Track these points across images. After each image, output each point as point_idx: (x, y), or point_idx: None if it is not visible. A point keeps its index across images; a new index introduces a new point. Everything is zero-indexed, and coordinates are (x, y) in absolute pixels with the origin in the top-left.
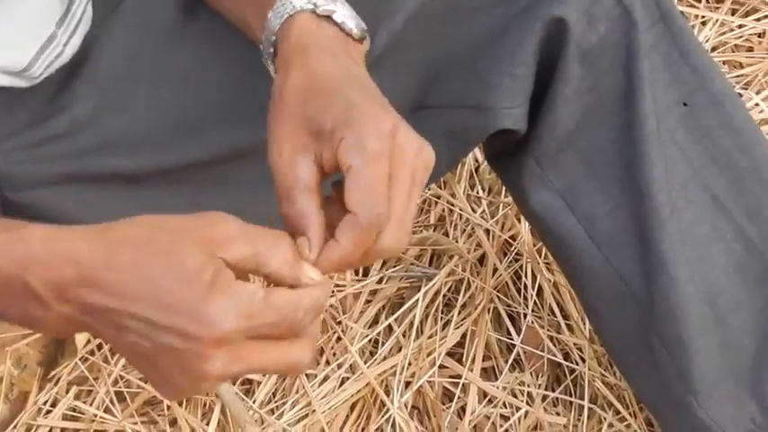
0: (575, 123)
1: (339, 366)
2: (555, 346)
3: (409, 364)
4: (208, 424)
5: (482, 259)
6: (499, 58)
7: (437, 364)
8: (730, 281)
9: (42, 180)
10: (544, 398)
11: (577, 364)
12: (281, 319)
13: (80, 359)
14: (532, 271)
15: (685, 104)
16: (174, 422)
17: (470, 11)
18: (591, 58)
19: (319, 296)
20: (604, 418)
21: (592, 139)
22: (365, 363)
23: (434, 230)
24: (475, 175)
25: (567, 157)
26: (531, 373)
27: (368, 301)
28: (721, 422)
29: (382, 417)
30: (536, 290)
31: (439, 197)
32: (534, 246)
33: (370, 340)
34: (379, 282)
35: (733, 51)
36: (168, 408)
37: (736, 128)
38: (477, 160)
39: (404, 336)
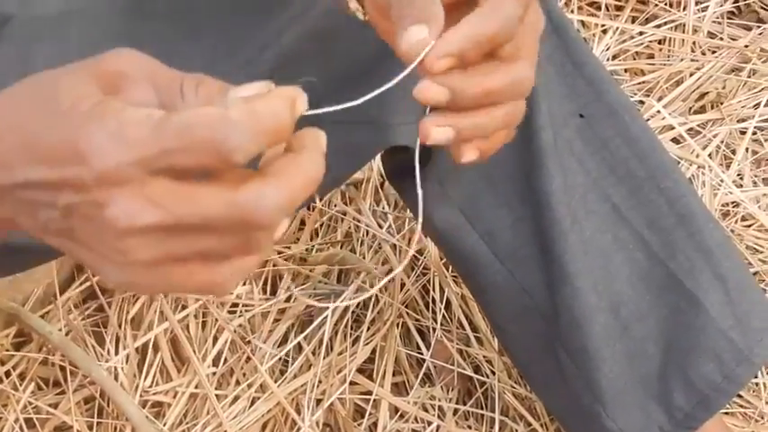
0: None
1: (249, 386)
2: (465, 359)
3: (319, 381)
4: None
5: (390, 274)
6: (392, 74)
7: (347, 381)
8: (634, 290)
9: None
10: (455, 411)
11: (488, 377)
12: (195, 142)
13: None
14: (440, 285)
15: (582, 116)
16: None
17: (363, 27)
18: None
19: (268, 109)
20: (516, 431)
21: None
22: (276, 381)
23: (341, 247)
24: (380, 190)
25: (466, 173)
26: (441, 387)
27: (276, 320)
28: (629, 430)
29: None
30: (444, 303)
31: (345, 213)
32: (441, 259)
33: (279, 359)
34: (288, 300)
35: (634, 59)
36: None
37: (632, 137)
38: (382, 176)
39: (313, 353)
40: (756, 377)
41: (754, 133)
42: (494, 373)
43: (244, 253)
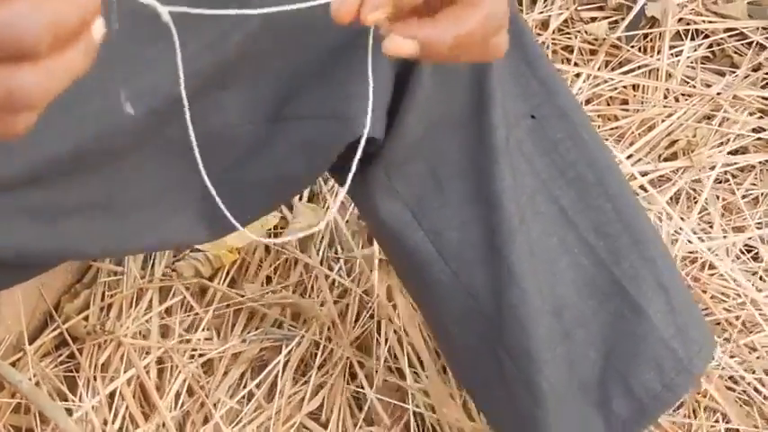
0: (423, 132)
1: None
2: (408, 397)
3: (269, 427)
4: None
5: (341, 317)
6: (357, 66)
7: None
8: (578, 294)
9: None
10: None
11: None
12: None
13: None
14: (385, 328)
15: (533, 117)
16: None
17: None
18: (443, 67)
19: None
20: None
21: (441, 149)
22: (230, 424)
23: (293, 291)
24: (335, 234)
25: (416, 168)
26: (386, 426)
27: (230, 365)
28: None
29: None
30: (387, 345)
31: (297, 261)
32: (390, 301)
33: (231, 408)
34: (242, 342)
35: (608, 104)
36: None
37: (582, 141)
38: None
39: (268, 397)
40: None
41: (726, 181)
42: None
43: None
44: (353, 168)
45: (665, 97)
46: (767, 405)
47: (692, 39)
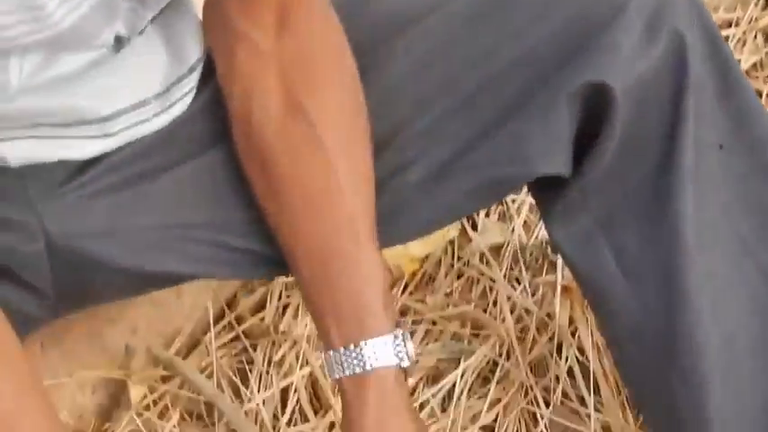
0: (618, 153)
1: None
2: (584, 423)
3: None
4: None
5: (519, 338)
6: (533, 117)
7: None
8: (752, 324)
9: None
10: None
11: None
12: None
13: (135, 413)
14: (566, 351)
15: (721, 147)
16: None
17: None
18: (637, 91)
19: None
20: None
21: (632, 169)
22: None
23: (474, 307)
24: (519, 254)
25: (608, 186)
26: None
27: None
28: None
29: None
30: (567, 369)
31: (482, 274)
32: (569, 325)
33: None
34: (419, 354)
35: None
36: None
37: None
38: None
39: (442, 410)
40: None
41: None
42: None
43: None
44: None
45: None
46: None
47: None
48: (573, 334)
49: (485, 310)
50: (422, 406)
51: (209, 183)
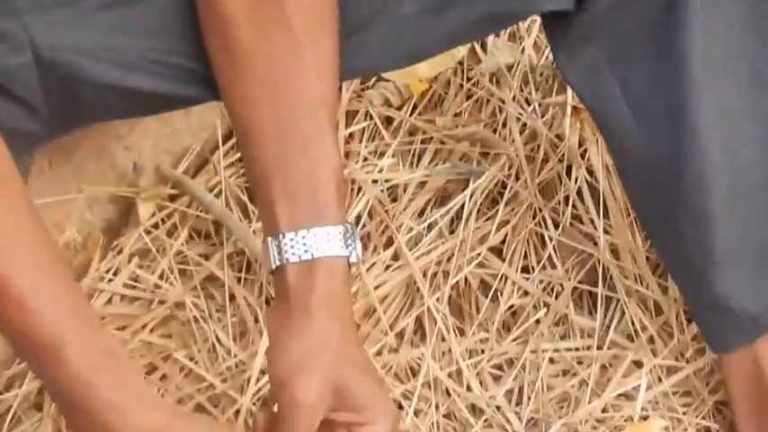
0: None
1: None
2: (592, 246)
3: (452, 255)
4: (266, 302)
5: (529, 158)
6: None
7: (480, 257)
8: (763, 158)
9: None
10: (576, 293)
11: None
12: None
13: (143, 231)
14: (575, 173)
15: None
16: (232, 298)
17: None
18: None
19: None
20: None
21: (638, 3)
22: (410, 251)
23: (484, 127)
24: (529, 75)
25: (614, 19)
26: (567, 270)
27: (415, 193)
28: (739, 298)
29: (418, 309)
30: (576, 190)
31: (492, 94)
32: (579, 147)
33: (411, 229)
34: (427, 175)
35: None
36: (228, 286)
37: None
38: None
39: (450, 231)
40: None
41: None
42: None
43: None
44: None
45: None
46: None
47: None
48: (582, 155)
49: (494, 131)
50: (430, 227)
51: (181, 14)
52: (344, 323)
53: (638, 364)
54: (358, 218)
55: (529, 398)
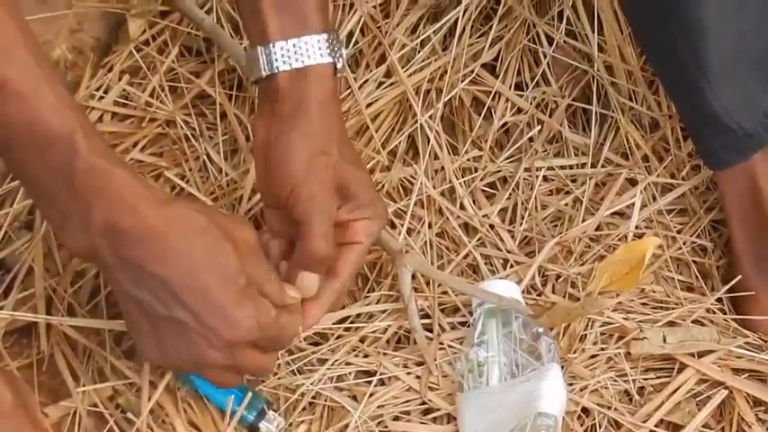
0: None
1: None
2: (587, 63)
3: (445, 72)
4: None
5: None
6: None
7: (473, 74)
8: None
9: None
10: (570, 111)
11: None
12: (279, 335)
13: (134, 48)
14: None
15: None
16: (223, 116)
17: None
18: None
19: (299, 324)
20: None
21: None
22: (402, 68)
23: None
24: None
25: None
26: (561, 87)
27: (407, 9)
28: (733, 111)
29: (411, 127)
30: (571, 4)
31: None
32: None
33: (404, 46)
34: None
35: None
36: (220, 104)
37: None
38: None
39: (443, 48)
40: None
41: None
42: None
43: (276, 349)
44: None
45: None
46: None
47: None
48: None
49: None
50: (423, 43)
51: None
52: (340, 122)
53: (633, 182)
54: (350, 34)
55: (522, 216)
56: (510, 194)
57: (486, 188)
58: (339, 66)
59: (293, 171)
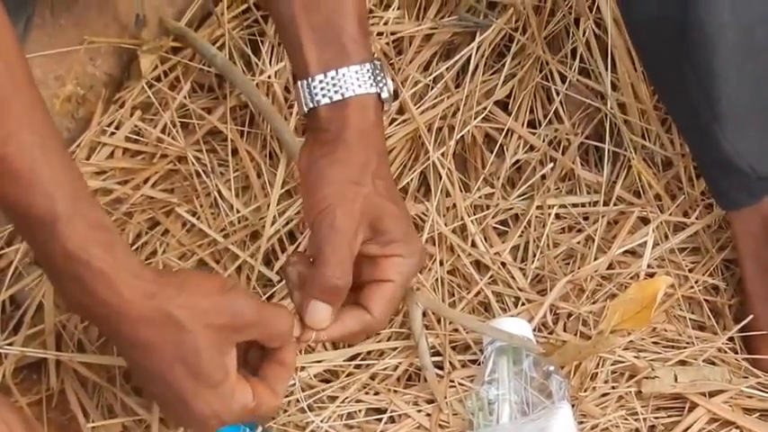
0: None
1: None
2: (600, 100)
3: (457, 109)
4: (268, 156)
5: (536, 10)
6: None
7: (486, 111)
8: None
9: None
10: (583, 149)
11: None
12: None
13: (146, 84)
14: (584, 25)
15: None
16: (235, 152)
17: None
18: None
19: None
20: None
21: None
22: (415, 105)
23: None
24: None
25: None
26: (574, 124)
27: (421, 46)
28: (745, 155)
29: (423, 164)
30: (584, 43)
31: None
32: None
33: (416, 83)
34: (433, 28)
35: None
36: (231, 140)
37: None
38: None
39: (456, 85)
40: None
41: None
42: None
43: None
44: None
45: None
46: None
47: None
48: (591, 8)
49: None
50: (436, 80)
51: None
52: (380, 154)
53: (645, 221)
54: None
55: (534, 254)
56: (522, 232)
57: (497, 225)
58: (384, 96)
59: (322, 196)
